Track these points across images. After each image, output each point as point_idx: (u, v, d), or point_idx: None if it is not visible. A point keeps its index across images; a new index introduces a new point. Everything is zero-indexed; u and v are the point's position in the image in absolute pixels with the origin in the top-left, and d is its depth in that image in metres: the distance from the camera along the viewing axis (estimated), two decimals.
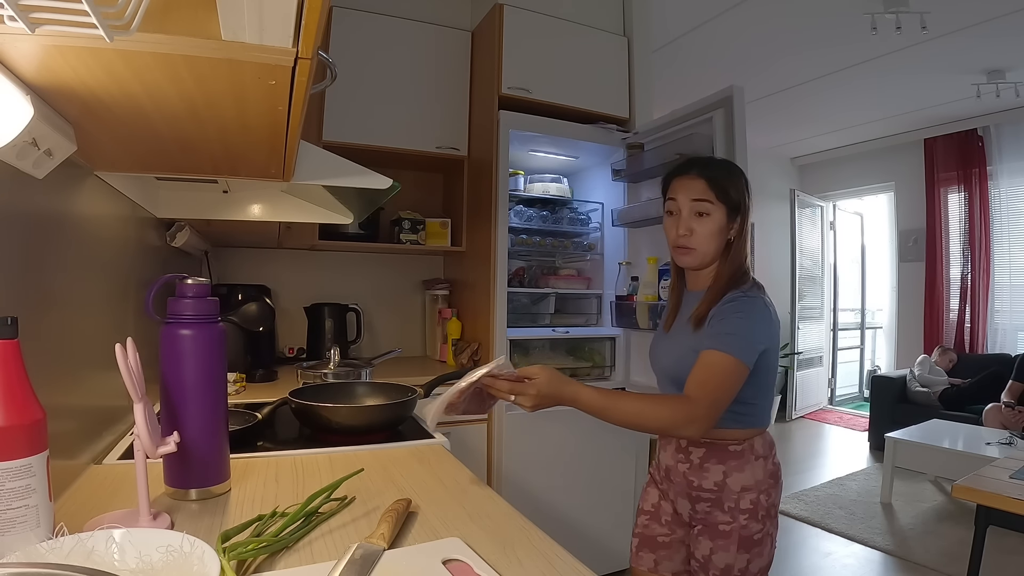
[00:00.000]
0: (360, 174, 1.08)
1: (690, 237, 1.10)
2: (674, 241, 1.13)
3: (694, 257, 1.11)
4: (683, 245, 1.11)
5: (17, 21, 0.38)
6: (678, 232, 1.11)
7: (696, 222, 1.10)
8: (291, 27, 0.47)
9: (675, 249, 1.14)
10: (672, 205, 1.14)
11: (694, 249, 1.11)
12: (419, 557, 0.63)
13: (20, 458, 0.54)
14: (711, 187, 1.09)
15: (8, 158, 0.63)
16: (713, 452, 1.09)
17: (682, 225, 1.11)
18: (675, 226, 1.12)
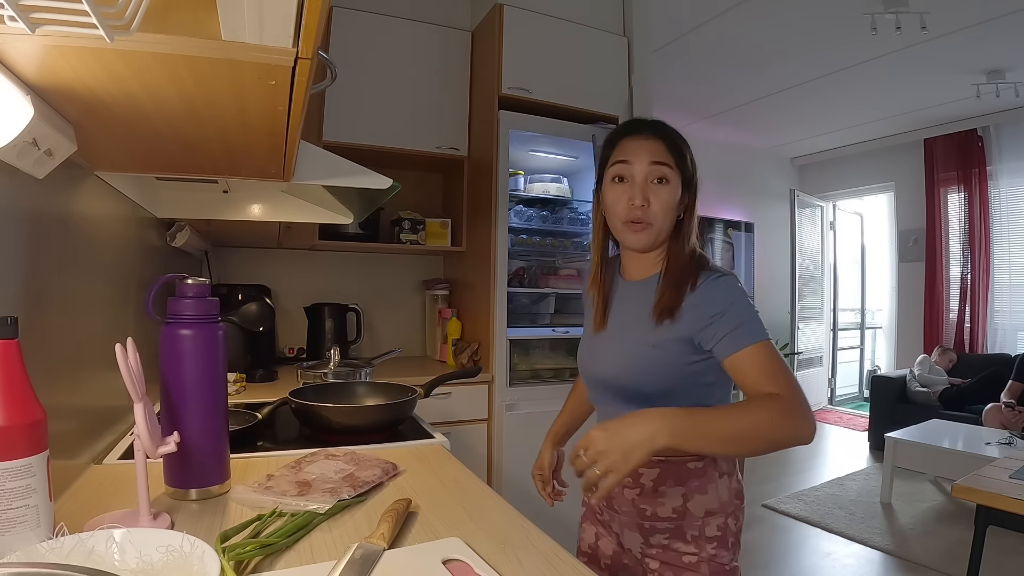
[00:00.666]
0: (360, 174, 1.08)
1: (647, 209, 0.90)
2: (626, 214, 0.91)
3: (649, 234, 0.91)
4: (638, 219, 0.90)
5: (17, 21, 0.38)
6: (633, 203, 0.90)
7: (654, 191, 0.90)
8: (291, 27, 0.47)
9: (627, 225, 0.92)
10: (623, 169, 0.92)
11: (650, 224, 0.90)
12: (419, 557, 0.63)
13: (20, 458, 0.54)
14: (670, 151, 0.92)
15: (8, 158, 0.63)
16: (669, 472, 0.91)
17: (637, 194, 0.90)
18: (626, 196, 0.91)
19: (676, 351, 0.88)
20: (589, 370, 1.01)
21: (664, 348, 0.89)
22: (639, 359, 0.91)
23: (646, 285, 0.96)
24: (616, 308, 1.00)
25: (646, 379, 0.91)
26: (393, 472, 0.94)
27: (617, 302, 1.00)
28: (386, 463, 0.95)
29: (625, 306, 0.98)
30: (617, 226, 0.94)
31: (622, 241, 0.96)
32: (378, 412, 1.22)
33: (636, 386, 0.92)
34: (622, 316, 0.98)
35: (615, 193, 0.93)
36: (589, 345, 1.02)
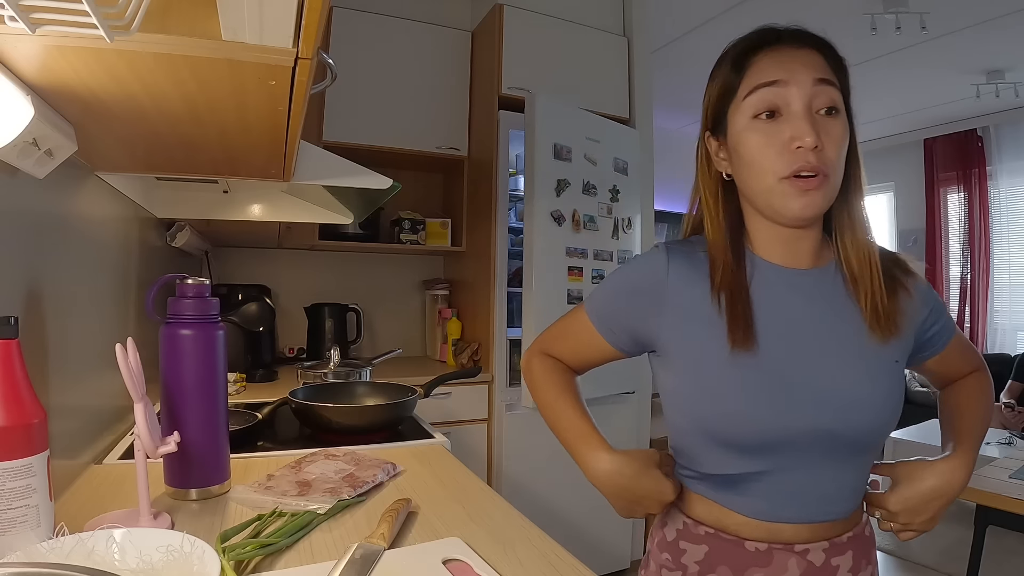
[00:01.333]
0: (360, 174, 1.08)
1: (821, 153, 0.60)
2: (790, 163, 0.60)
3: (825, 193, 0.61)
4: (812, 169, 0.60)
5: (18, 21, 0.38)
6: (802, 142, 0.59)
7: (824, 127, 0.61)
8: (291, 27, 0.47)
9: (791, 183, 0.61)
10: (775, 95, 0.62)
11: (826, 177, 0.60)
12: (419, 557, 0.64)
13: (21, 458, 0.54)
14: (831, 64, 0.65)
15: (9, 158, 0.63)
16: (859, 544, 0.68)
17: (806, 129, 0.59)
18: (785, 134, 0.61)
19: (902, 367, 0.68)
20: (787, 423, 0.62)
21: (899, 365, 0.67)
22: (888, 384, 0.65)
23: (822, 276, 0.67)
24: (783, 309, 0.66)
25: (891, 414, 0.65)
26: (393, 472, 0.94)
27: (776, 301, 0.66)
28: (386, 463, 0.95)
29: (800, 305, 0.66)
30: (770, 187, 0.62)
31: (783, 210, 0.62)
32: (378, 412, 1.22)
33: (881, 427, 0.65)
34: (811, 321, 0.65)
35: (763, 136, 0.62)
36: (769, 378, 0.63)
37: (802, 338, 0.65)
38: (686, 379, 0.67)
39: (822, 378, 0.63)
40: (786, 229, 0.66)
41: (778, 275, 0.67)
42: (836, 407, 0.62)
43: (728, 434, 0.64)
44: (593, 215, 2.25)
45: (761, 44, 0.66)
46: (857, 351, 0.64)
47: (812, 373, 0.63)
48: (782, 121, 0.62)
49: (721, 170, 0.69)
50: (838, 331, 0.65)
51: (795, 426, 0.62)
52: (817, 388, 0.63)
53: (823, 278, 0.68)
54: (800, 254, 0.67)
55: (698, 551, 0.69)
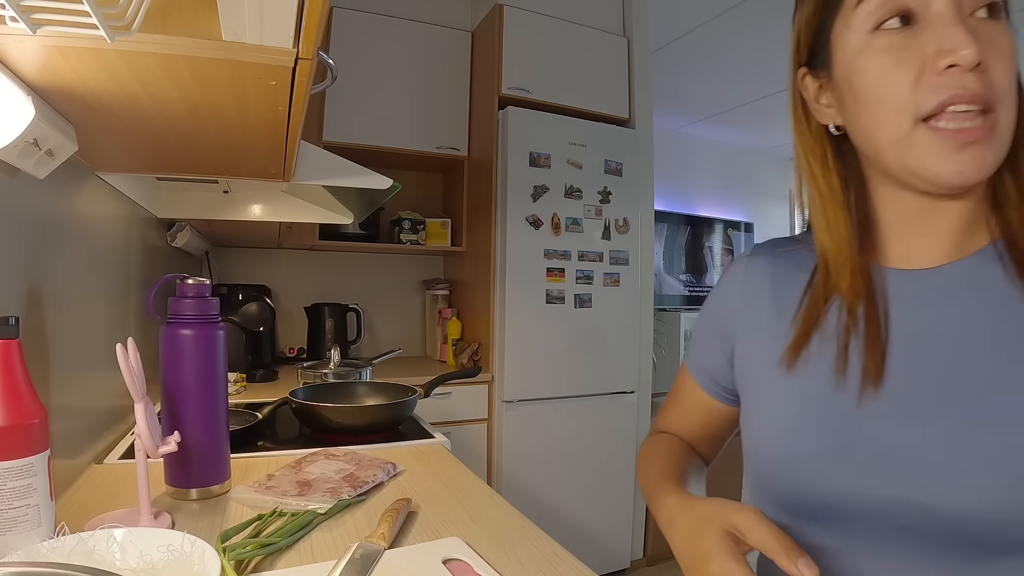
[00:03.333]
0: (360, 174, 1.08)
1: (986, 72, 0.41)
2: (937, 92, 0.41)
3: (996, 143, 0.42)
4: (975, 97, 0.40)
5: (19, 22, 0.39)
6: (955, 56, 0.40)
7: (987, 34, 0.41)
8: (291, 27, 0.47)
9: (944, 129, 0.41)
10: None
11: (997, 115, 0.41)
12: (419, 557, 0.64)
13: (21, 458, 0.54)
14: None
15: (10, 158, 0.63)
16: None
17: (966, 33, 0.40)
18: (927, 47, 0.42)
19: None
20: (843, 485, 0.46)
21: None
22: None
23: (972, 271, 0.46)
24: (911, 336, 0.47)
25: None
26: (393, 472, 0.94)
27: (894, 311, 0.48)
28: (386, 463, 0.95)
29: (939, 322, 0.46)
30: (903, 136, 0.43)
31: (925, 172, 0.43)
32: (378, 412, 1.22)
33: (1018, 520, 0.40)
34: (940, 350, 0.45)
35: (891, 56, 0.43)
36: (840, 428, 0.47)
37: (907, 373, 0.46)
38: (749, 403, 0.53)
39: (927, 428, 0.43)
40: (922, 199, 0.46)
41: (895, 280, 0.48)
42: (932, 476, 0.43)
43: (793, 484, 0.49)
44: (578, 217, 2.30)
45: None
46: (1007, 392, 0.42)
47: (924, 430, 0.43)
48: (919, 30, 0.42)
49: (827, 122, 0.50)
50: (975, 363, 0.43)
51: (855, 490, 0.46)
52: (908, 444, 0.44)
53: (970, 275, 0.46)
54: (942, 238, 0.47)
55: None
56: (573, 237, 2.30)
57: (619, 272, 2.39)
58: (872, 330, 0.47)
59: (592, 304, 2.33)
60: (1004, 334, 0.43)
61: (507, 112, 2.22)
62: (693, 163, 4.20)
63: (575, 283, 2.31)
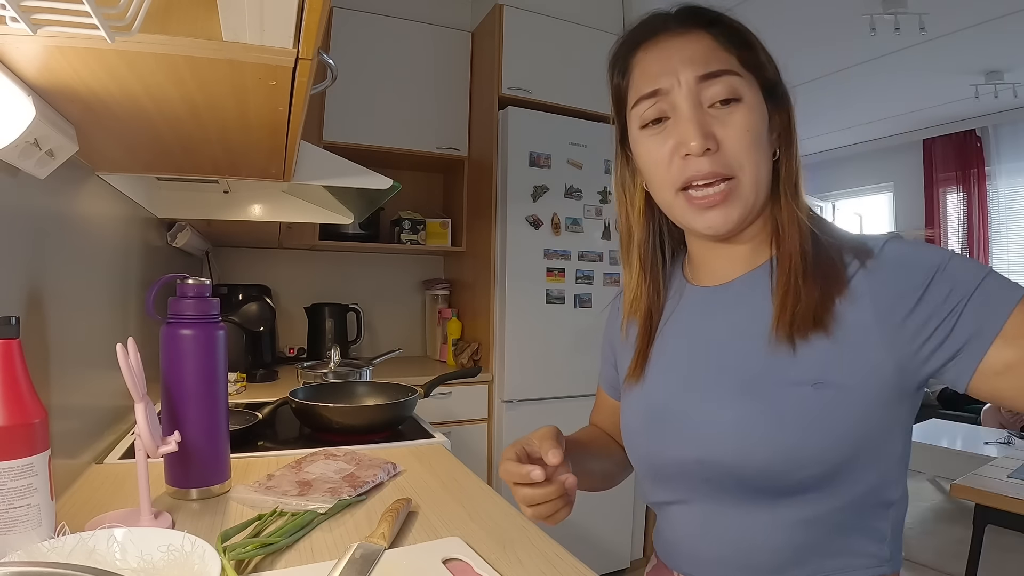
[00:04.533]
0: (360, 174, 1.08)
1: (717, 155, 0.53)
2: (680, 173, 0.54)
3: (737, 199, 0.54)
4: (709, 175, 0.53)
5: (19, 22, 0.39)
6: (687, 146, 0.53)
7: (720, 120, 0.53)
8: (292, 28, 0.47)
9: (688, 196, 0.55)
10: (658, 104, 0.56)
11: (733, 178, 0.54)
12: (419, 556, 0.64)
13: (22, 457, 0.54)
14: (730, 43, 0.56)
15: (10, 158, 0.63)
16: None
17: (693, 130, 0.53)
18: (672, 140, 0.55)
19: (860, 390, 0.51)
20: (661, 453, 0.61)
21: (837, 387, 0.51)
22: (789, 415, 0.52)
23: (746, 283, 0.59)
24: (693, 330, 0.62)
25: (802, 453, 0.51)
26: (393, 472, 0.94)
27: (691, 320, 0.62)
28: (386, 463, 0.95)
29: (706, 326, 0.60)
30: (670, 202, 0.57)
31: (689, 227, 0.58)
32: (378, 412, 1.22)
33: (781, 471, 0.52)
34: (709, 342, 0.59)
35: (652, 146, 0.56)
36: (645, 408, 0.63)
37: (694, 364, 0.60)
38: None
39: (702, 404, 0.57)
40: (708, 243, 0.61)
41: (699, 297, 0.63)
42: (709, 440, 0.56)
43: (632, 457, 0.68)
44: (578, 217, 2.31)
45: (643, 37, 0.58)
46: (759, 371, 0.54)
47: (690, 401, 0.58)
48: (670, 126, 0.55)
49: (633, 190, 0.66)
50: (738, 349, 0.57)
51: (667, 454, 0.60)
52: (692, 418, 0.58)
53: (747, 285, 0.59)
54: (733, 262, 0.60)
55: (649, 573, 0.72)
56: (573, 237, 2.30)
57: (619, 272, 2.39)
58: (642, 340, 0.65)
59: (592, 304, 2.33)
60: (757, 329, 0.56)
61: (507, 112, 2.22)
62: None
63: (575, 283, 2.31)
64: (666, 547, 0.66)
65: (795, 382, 0.52)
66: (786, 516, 0.54)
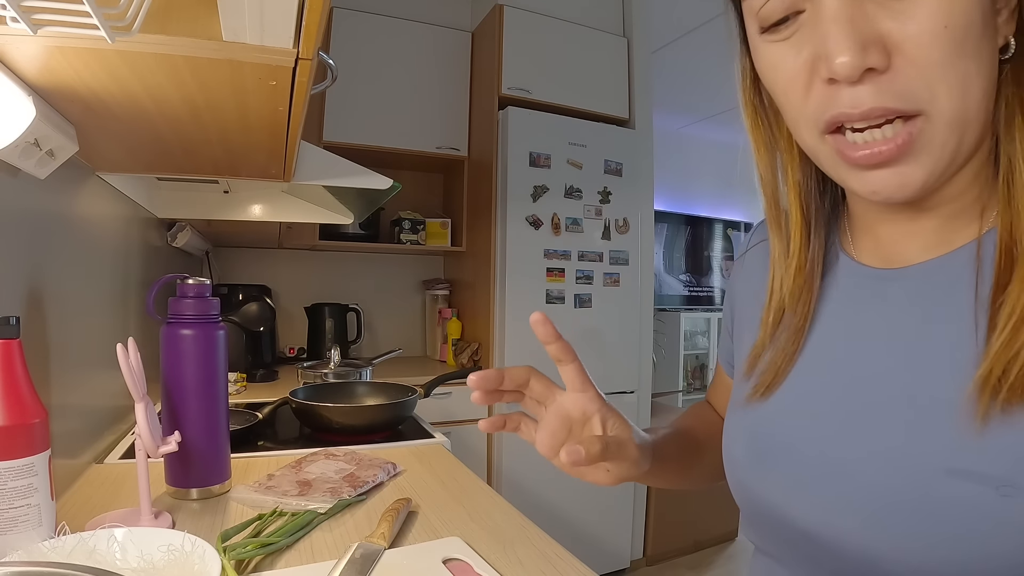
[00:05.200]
0: (360, 174, 1.08)
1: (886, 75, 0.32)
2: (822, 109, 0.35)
3: (921, 157, 0.33)
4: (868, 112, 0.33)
5: (19, 22, 0.39)
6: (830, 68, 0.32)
7: (892, 10, 0.31)
8: (292, 28, 0.47)
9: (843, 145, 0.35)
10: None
11: (918, 115, 0.33)
12: (419, 556, 0.64)
13: (22, 457, 0.54)
14: None
15: (11, 158, 0.63)
16: None
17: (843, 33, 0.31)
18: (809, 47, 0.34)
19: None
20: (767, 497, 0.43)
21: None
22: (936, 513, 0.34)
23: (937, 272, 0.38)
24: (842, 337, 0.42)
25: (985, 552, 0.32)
26: (393, 472, 0.94)
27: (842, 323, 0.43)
28: (386, 463, 0.95)
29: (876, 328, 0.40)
30: (814, 147, 0.38)
31: (845, 186, 0.39)
32: (378, 412, 1.22)
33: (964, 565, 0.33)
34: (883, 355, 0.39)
35: (776, 58, 0.37)
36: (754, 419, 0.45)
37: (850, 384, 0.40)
38: None
39: (842, 446, 0.38)
40: (885, 206, 0.40)
41: (863, 281, 0.42)
42: (869, 510, 0.36)
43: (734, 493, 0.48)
44: (578, 217, 2.31)
45: None
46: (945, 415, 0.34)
47: (833, 436, 0.39)
48: (806, 25, 0.35)
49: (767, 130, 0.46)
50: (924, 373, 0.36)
51: (794, 517, 0.40)
52: (827, 461, 0.39)
53: (939, 275, 0.38)
54: (919, 236, 0.39)
55: None
56: (573, 237, 2.30)
57: (619, 272, 2.39)
58: (793, 337, 0.44)
59: (592, 304, 2.33)
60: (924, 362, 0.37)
61: (507, 112, 2.22)
62: (693, 163, 4.20)
63: (575, 283, 2.31)
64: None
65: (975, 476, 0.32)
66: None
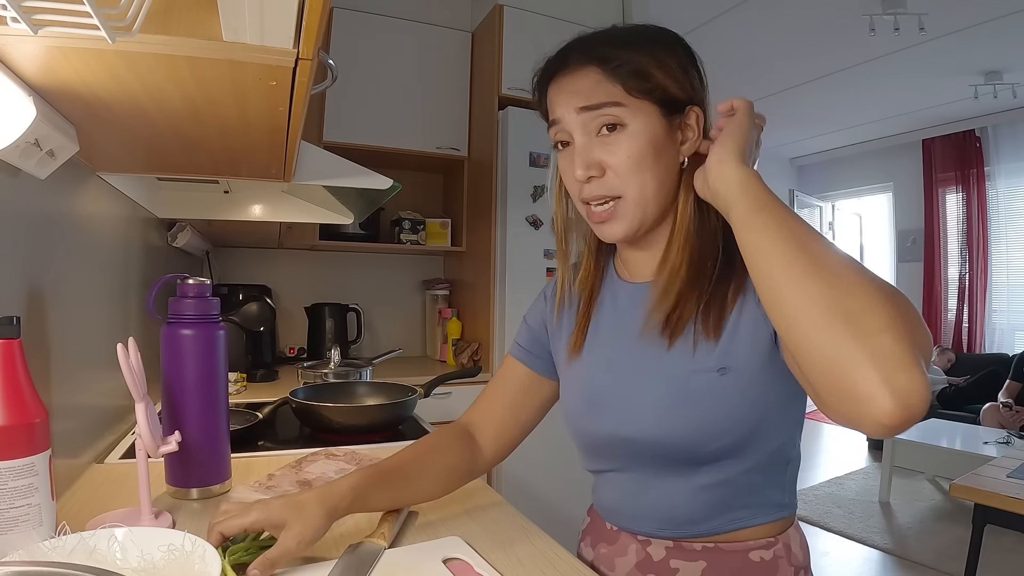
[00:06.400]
0: (360, 174, 1.08)
1: (602, 180, 0.61)
2: (577, 194, 0.64)
3: (624, 217, 0.62)
4: (594, 198, 0.62)
5: (20, 23, 0.39)
6: (575, 175, 0.62)
7: (604, 147, 0.60)
8: (292, 28, 0.47)
9: (589, 210, 0.64)
10: (560, 131, 0.64)
11: (619, 198, 0.61)
12: (419, 556, 0.64)
13: (22, 457, 0.54)
14: (614, 74, 0.60)
15: (11, 159, 0.63)
16: (722, 566, 0.63)
17: (578, 163, 0.61)
18: (570, 167, 0.63)
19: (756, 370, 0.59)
20: (595, 430, 0.69)
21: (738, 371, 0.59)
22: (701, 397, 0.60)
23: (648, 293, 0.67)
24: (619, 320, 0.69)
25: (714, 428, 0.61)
26: None
27: (617, 310, 0.70)
28: None
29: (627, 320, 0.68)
30: (581, 211, 0.66)
31: (594, 233, 0.67)
32: (378, 412, 1.22)
33: (697, 444, 0.61)
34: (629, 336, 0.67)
35: (563, 163, 0.65)
36: (583, 389, 0.71)
37: (619, 351, 0.68)
38: None
39: (622, 387, 0.66)
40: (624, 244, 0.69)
41: (621, 289, 0.71)
42: (634, 420, 0.64)
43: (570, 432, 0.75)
44: None
45: (549, 72, 0.66)
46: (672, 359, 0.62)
47: (616, 383, 0.67)
48: (569, 151, 0.64)
49: None
50: (653, 340, 0.64)
51: (600, 431, 0.68)
52: (620, 400, 0.66)
53: (643, 290, 0.68)
54: (641, 264, 0.69)
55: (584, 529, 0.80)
56: None
57: None
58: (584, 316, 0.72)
59: None
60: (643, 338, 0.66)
61: (507, 112, 2.22)
62: None
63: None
64: (602, 505, 0.74)
65: (703, 369, 0.60)
66: (703, 480, 0.63)
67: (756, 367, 0.59)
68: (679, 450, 0.62)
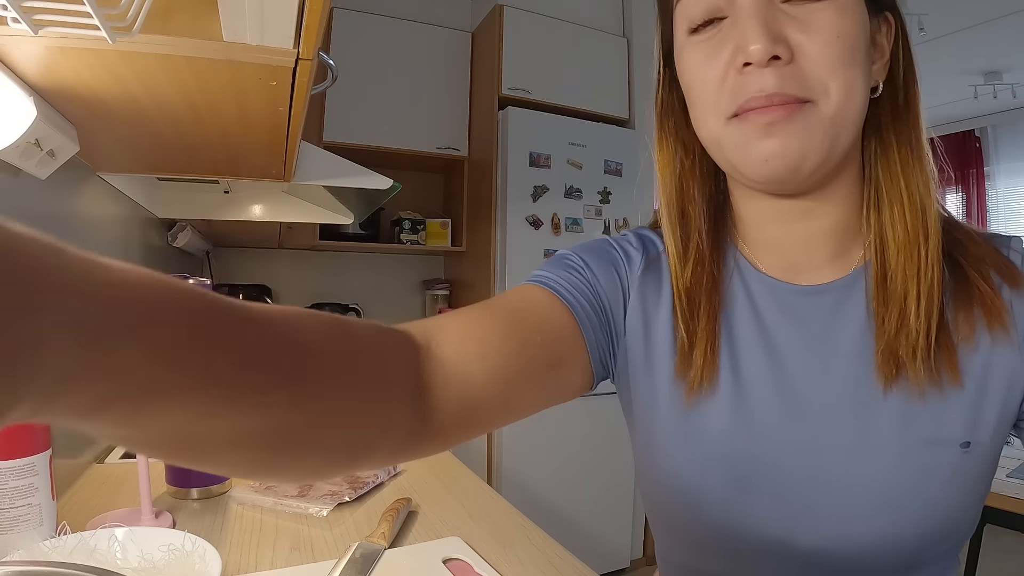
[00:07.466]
0: (360, 174, 1.08)
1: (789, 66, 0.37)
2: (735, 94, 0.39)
3: (809, 126, 0.37)
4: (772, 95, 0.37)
5: (21, 23, 0.39)
6: (746, 54, 0.37)
7: (797, 19, 0.37)
8: (292, 28, 0.48)
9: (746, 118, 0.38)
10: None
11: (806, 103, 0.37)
12: (419, 556, 0.64)
13: (23, 457, 0.54)
14: None
15: (12, 159, 0.63)
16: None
17: (757, 28, 0.37)
18: (730, 43, 0.39)
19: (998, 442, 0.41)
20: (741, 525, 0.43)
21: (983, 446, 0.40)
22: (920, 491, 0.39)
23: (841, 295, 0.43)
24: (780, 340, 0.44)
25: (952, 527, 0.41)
26: (393, 471, 0.94)
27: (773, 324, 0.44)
28: None
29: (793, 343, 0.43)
30: (717, 136, 0.41)
31: (737, 169, 0.41)
32: None
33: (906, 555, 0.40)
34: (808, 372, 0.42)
35: (699, 57, 0.41)
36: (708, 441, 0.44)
37: (795, 394, 0.42)
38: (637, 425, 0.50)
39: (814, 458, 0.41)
40: (775, 202, 0.43)
41: (774, 292, 0.44)
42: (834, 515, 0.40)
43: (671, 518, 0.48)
44: (578, 218, 2.31)
45: None
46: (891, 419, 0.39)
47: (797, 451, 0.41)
48: (727, 27, 0.39)
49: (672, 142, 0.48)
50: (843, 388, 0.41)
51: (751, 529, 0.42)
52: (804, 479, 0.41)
53: (842, 297, 0.43)
54: (810, 244, 0.43)
55: None
56: (573, 237, 2.30)
57: None
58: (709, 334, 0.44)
59: None
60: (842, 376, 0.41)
61: (507, 112, 2.22)
62: None
63: None
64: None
65: (945, 440, 0.39)
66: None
67: (1000, 440, 0.41)
68: (886, 561, 0.40)
